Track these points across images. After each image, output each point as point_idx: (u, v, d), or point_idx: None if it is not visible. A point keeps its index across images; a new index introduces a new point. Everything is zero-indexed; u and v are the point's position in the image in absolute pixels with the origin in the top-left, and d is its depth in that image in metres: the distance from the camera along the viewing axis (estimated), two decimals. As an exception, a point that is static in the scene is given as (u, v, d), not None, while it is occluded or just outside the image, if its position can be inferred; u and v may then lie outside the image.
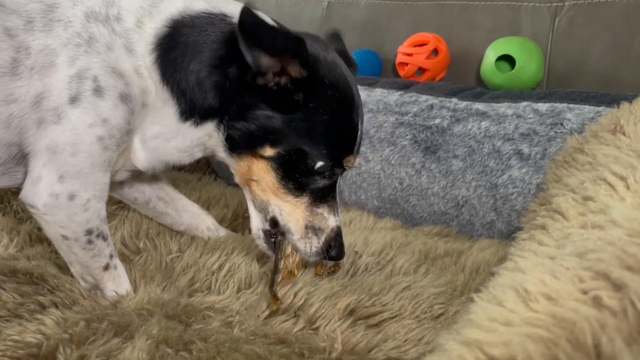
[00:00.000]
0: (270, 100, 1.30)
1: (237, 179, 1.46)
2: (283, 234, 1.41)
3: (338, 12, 2.76)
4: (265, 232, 1.44)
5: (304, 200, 1.38)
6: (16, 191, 1.97)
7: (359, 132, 1.37)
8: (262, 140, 1.33)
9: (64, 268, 1.50)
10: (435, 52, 2.41)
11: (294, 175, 1.35)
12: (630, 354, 0.68)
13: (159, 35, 1.32)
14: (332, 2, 2.77)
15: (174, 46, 1.32)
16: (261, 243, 1.45)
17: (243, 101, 1.32)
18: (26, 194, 1.30)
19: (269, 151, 1.33)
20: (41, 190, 1.28)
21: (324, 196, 1.39)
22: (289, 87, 1.28)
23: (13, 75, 1.24)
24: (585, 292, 0.80)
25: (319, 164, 1.33)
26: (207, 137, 1.39)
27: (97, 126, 1.27)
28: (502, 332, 0.80)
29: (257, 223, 1.44)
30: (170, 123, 1.37)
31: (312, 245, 1.40)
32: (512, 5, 2.32)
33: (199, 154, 1.45)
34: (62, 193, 1.28)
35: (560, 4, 2.24)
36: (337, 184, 1.41)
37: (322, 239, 1.39)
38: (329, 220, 1.40)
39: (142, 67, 1.31)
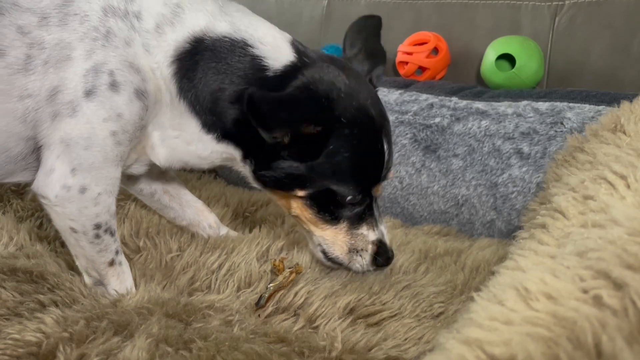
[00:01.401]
0: (289, 151, 1.32)
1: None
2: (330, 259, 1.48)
3: (338, 11, 2.75)
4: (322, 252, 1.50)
5: (343, 226, 1.43)
6: (16, 190, 1.98)
7: (386, 155, 1.38)
8: (290, 185, 1.37)
9: (64, 267, 1.50)
10: (435, 51, 2.41)
11: (329, 209, 1.40)
12: (630, 352, 0.68)
13: (179, 49, 1.31)
14: (333, 1, 2.77)
15: (194, 67, 1.32)
16: (325, 262, 1.51)
17: (264, 150, 1.33)
18: (39, 185, 1.31)
19: (300, 192, 1.37)
20: (53, 182, 1.28)
21: (361, 218, 1.43)
22: (306, 140, 1.29)
23: (26, 71, 1.25)
24: (585, 291, 0.80)
25: (349, 198, 1.37)
26: (228, 155, 1.41)
27: (111, 121, 1.27)
28: (503, 331, 0.80)
29: (312, 247, 1.53)
30: (192, 131, 1.38)
31: (360, 265, 1.46)
32: (512, 4, 2.32)
33: (217, 163, 1.47)
34: (73, 186, 1.28)
35: (560, 3, 2.24)
36: (374, 205, 1.45)
37: (367, 257, 1.45)
38: (369, 237, 1.44)
39: (157, 70, 1.31)
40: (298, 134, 1.28)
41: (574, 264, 0.87)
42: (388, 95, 2.25)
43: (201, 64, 1.32)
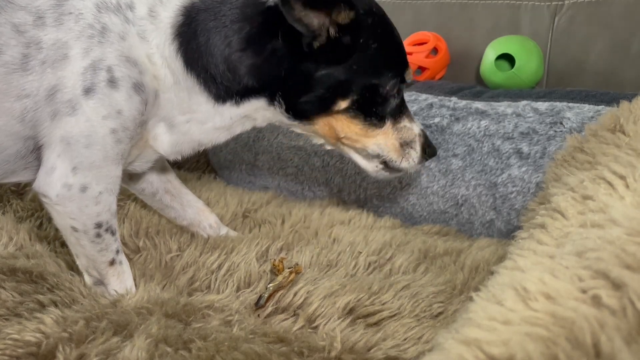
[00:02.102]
0: (325, 57, 1.33)
1: (321, 141, 1.52)
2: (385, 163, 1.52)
3: (338, 11, 2.75)
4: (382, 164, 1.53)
5: (389, 125, 1.46)
6: (16, 190, 1.98)
7: (402, 45, 1.47)
8: (332, 98, 1.37)
9: (63, 267, 1.50)
10: (434, 51, 2.41)
11: (373, 111, 1.42)
12: (629, 352, 0.68)
13: (176, 24, 1.32)
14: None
15: (195, 35, 1.32)
16: (384, 175, 1.56)
17: (299, 72, 1.34)
18: (40, 184, 1.31)
19: (342, 104, 1.38)
20: (55, 181, 1.29)
21: (401, 111, 1.47)
22: (338, 35, 1.31)
23: (24, 71, 1.25)
24: (584, 291, 0.80)
25: (389, 85, 1.40)
26: (253, 111, 1.42)
27: (111, 118, 1.27)
28: (502, 331, 0.80)
29: (369, 166, 1.55)
30: (204, 109, 1.38)
31: (412, 158, 1.50)
32: (511, 4, 2.32)
33: (238, 130, 1.47)
34: (74, 184, 1.29)
35: (560, 2, 2.24)
36: (403, 97, 1.49)
37: (418, 148, 1.50)
38: (414, 128, 1.50)
39: (155, 55, 1.32)
40: (333, 22, 1.29)
41: (573, 264, 0.87)
42: (387, 95, 2.24)
43: (200, 29, 1.32)
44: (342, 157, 2.23)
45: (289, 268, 1.49)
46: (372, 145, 1.47)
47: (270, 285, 1.43)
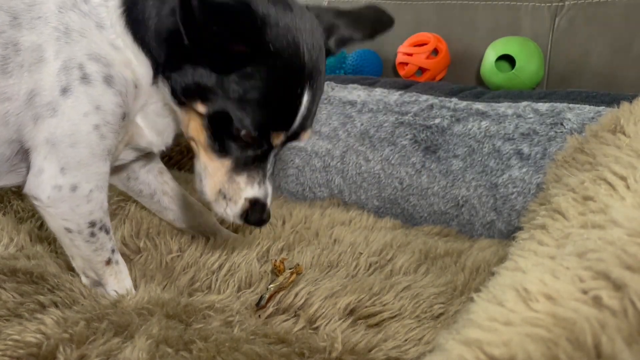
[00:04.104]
0: (207, 57, 1.24)
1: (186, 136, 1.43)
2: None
3: (338, 12, 2.75)
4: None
5: (227, 164, 1.32)
6: (16, 191, 1.98)
7: (303, 105, 1.27)
8: (195, 94, 1.27)
9: (64, 267, 1.50)
10: (435, 52, 2.42)
11: (221, 137, 1.29)
12: (630, 353, 0.68)
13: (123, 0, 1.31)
14: (333, 2, 2.77)
15: (137, 7, 1.30)
16: (199, 191, 1.40)
17: (182, 51, 1.27)
18: (30, 187, 1.31)
19: (200, 107, 1.28)
20: (44, 183, 1.28)
21: (247, 165, 1.32)
22: (228, 53, 1.22)
23: (3, 73, 1.25)
24: (585, 292, 0.80)
25: (243, 132, 1.26)
26: (163, 96, 1.37)
27: (91, 114, 1.27)
28: (502, 332, 0.80)
29: (195, 174, 1.41)
30: (151, 90, 1.36)
31: (226, 210, 1.35)
32: (512, 5, 2.32)
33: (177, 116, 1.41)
34: (64, 185, 1.28)
35: (560, 3, 2.24)
36: (271, 158, 1.34)
37: (235, 208, 1.34)
38: (244, 191, 1.33)
39: (117, 40, 1.31)
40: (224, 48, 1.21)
41: (574, 265, 0.87)
42: (388, 96, 2.25)
43: (143, 2, 1.30)
44: (342, 159, 2.24)
45: (289, 269, 1.49)
46: (202, 163, 1.36)
47: (271, 285, 1.43)
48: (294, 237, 1.81)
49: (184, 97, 1.31)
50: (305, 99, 1.26)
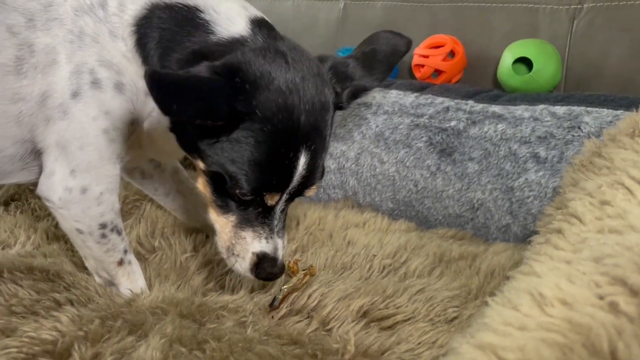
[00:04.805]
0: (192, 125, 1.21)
1: None
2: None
3: (354, 14, 2.75)
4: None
5: (232, 220, 1.29)
6: (34, 189, 2.00)
7: (299, 168, 1.21)
8: (192, 151, 1.25)
9: (79, 266, 1.51)
10: (451, 54, 2.40)
11: (221, 195, 1.27)
12: (647, 360, 0.67)
13: (137, 17, 1.30)
14: (349, 4, 2.77)
15: (150, 32, 1.29)
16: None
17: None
18: (42, 189, 1.33)
19: (201, 165, 1.25)
20: (55, 185, 1.30)
21: (250, 221, 1.28)
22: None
23: (18, 74, 1.26)
24: (601, 298, 0.79)
25: (238, 191, 1.22)
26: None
27: (100, 119, 1.28)
28: (517, 337, 0.79)
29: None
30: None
31: (239, 265, 1.31)
32: (530, 8, 2.30)
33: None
34: (75, 187, 1.30)
35: (579, 6, 2.22)
36: (277, 214, 1.29)
37: (244, 264, 1.30)
38: (252, 246, 1.29)
39: (128, 53, 1.30)
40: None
41: (590, 270, 0.87)
42: (403, 98, 2.24)
43: (154, 27, 1.28)
44: (357, 160, 2.23)
45: (303, 270, 1.49)
46: (212, 219, 1.34)
47: (285, 286, 1.43)
48: (307, 238, 1.81)
49: (185, 151, 1.29)
50: (302, 160, 1.20)
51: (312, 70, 1.23)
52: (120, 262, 1.41)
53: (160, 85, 1.02)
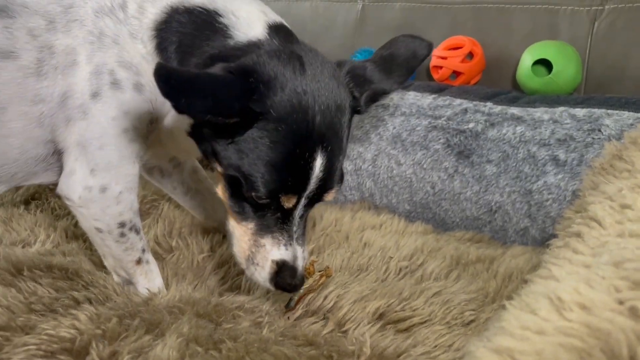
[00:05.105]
0: (217, 126, 1.19)
1: None
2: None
3: (372, 15, 2.75)
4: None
5: (250, 227, 1.26)
6: (54, 188, 2.03)
7: (316, 170, 1.19)
8: (210, 155, 1.25)
9: (98, 264, 1.53)
10: (470, 55, 2.39)
11: (239, 199, 1.25)
12: (667, 367, 0.66)
13: (157, 20, 1.31)
14: (367, 5, 2.76)
15: (170, 35, 1.30)
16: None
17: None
18: (62, 187, 1.35)
19: (219, 167, 1.24)
20: (75, 184, 1.32)
21: (269, 227, 1.25)
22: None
23: (39, 75, 1.28)
24: (621, 302, 0.78)
25: (254, 194, 1.20)
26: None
27: (119, 118, 1.30)
28: (535, 341, 0.78)
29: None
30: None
31: (259, 274, 1.28)
32: (550, 9, 2.29)
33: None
34: (94, 186, 1.31)
35: (600, 7, 2.19)
36: (295, 219, 1.25)
37: (263, 273, 1.27)
38: (271, 253, 1.26)
39: (148, 56, 1.32)
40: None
41: (610, 274, 0.86)
42: (421, 100, 2.23)
43: (174, 32, 1.30)
44: (374, 162, 2.23)
45: (319, 271, 1.49)
46: (231, 227, 1.31)
47: (301, 288, 1.43)
48: (324, 239, 1.81)
49: (203, 155, 1.28)
50: (318, 162, 1.18)
51: (327, 72, 1.23)
52: (139, 261, 1.43)
53: (167, 79, 1.02)
